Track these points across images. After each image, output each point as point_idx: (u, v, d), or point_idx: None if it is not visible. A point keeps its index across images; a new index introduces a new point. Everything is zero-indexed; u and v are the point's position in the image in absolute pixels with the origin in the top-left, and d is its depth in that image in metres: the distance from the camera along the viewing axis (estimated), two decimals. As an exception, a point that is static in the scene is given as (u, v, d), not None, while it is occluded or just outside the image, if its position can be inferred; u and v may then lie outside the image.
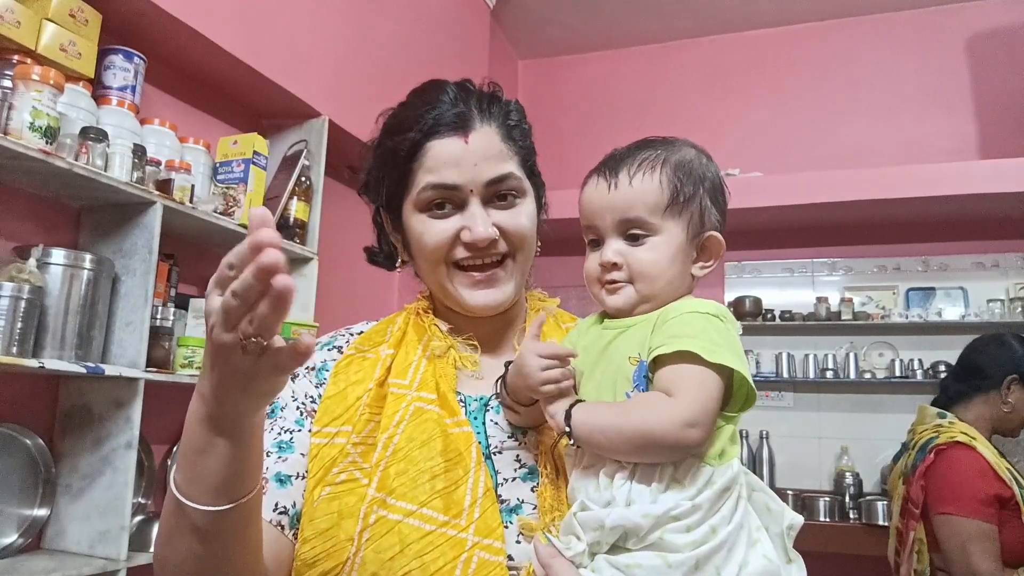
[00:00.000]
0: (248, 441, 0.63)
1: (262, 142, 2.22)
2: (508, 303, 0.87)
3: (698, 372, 0.68)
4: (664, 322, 0.73)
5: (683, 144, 0.82)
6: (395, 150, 0.85)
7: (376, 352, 0.88)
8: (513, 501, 0.77)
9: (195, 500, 0.63)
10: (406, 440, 0.78)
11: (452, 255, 0.84)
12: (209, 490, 0.63)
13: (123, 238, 1.81)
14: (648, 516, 0.66)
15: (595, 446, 0.71)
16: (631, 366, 0.73)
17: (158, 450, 2.08)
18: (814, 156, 4.03)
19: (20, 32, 1.59)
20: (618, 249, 0.78)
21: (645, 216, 0.77)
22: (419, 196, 0.84)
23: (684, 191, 0.78)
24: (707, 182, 0.80)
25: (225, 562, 0.68)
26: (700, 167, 0.80)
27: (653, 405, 0.69)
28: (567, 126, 4.44)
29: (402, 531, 0.72)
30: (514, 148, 0.87)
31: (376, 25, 2.87)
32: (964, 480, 1.90)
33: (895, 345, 3.91)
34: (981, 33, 3.93)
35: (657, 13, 4.20)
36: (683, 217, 0.78)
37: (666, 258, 0.77)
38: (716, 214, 0.80)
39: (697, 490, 0.68)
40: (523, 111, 0.91)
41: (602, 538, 0.68)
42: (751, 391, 0.72)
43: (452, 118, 0.84)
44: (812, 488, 3.78)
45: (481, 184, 0.83)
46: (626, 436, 0.68)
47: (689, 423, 0.66)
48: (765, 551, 0.69)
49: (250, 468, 0.65)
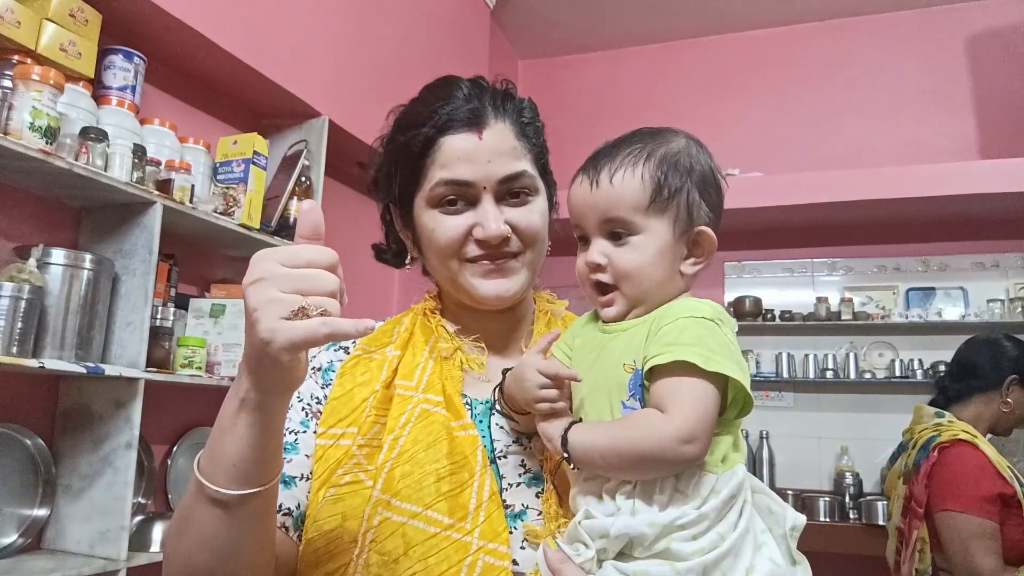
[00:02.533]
0: (272, 426, 0.65)
1: (262, 142, 2.22)
2: (518, 295, 0.86)
3: (693, 384, 0.67)
4: (659, 328, 0.71)
5: (673, 135, 0.79)
6: (408, 145, 0.84)
7: (383, 353, 0.87)
8: (518, 507, 0.77)
9: (217, 483, 0.64)
10: (412, 442, 0.77)
11: (464, 252, 0.83)
12: (229, 472, 0.64)
13: (123, 238, 1.81)
14: (654, 525, 0.65)
15: (594, 468, 0.70)
16: (626, 374, 0.71)
17: (158, 450, 2.08)
18: (814, 156, 4.03)
19: (20, 32, 1.59)
20: (602, 249, 0.76)
21: (626, 215, 0.75)
22: (431, 192, 0.83)
23: (668, 186, 0.74)
24: (695, 175, 0.76)
25: (238, 553, 0.68)
26: (687, 159, 0.77)
27: (647, 423, 0.67)
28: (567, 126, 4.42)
29: (407, 533, 0.71)
30: (527, 145, 0.86)
31: (376, 25, 2.86)
32: (967, 477, 1.90)
33: (895, 345, 3.91)
34: (981, 33, 3.93)
35: (657, 13, 4.20)
36: (668, 214, 0.75)
37: (651, 258, 0.75)
38: (706, 208, 0.77)
39: (702, 499, 0.67)
40: (536, 109, 0.90)
41: (608, 546, 0.67)
42: (748, 398, 0.71)
43: (466, 114, 0.82)
44: (812, 488, 3.78)
45: (495, 181, 0.82)
46: (624, 456, 0.67)
47: (685, 439, 0.65)
48: (771, 554, 0.68)
49: (271, 455, 0.66)
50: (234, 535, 0.67)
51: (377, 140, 0.92)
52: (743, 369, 0.69)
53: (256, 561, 0.70)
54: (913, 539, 1.97)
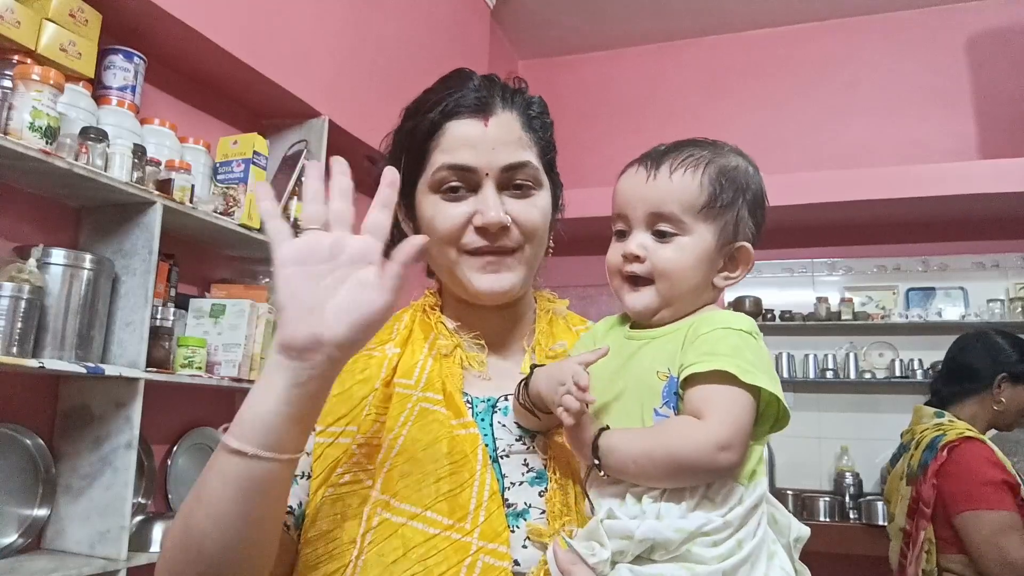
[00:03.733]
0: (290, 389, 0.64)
1: (262, 142, 2.22)
2: (515, 291, 0.85)
3: (730, 392, 0.66)
4: (696, 337, 0.70)
5: (732, 151, 0.80)
6: (414, 130, 0.84)
7: (382, 350, 0.86)
8: (520, 505, 0.76)
9: (249, 442, 0.63)
10: (411, 441, 0.76)
11: (463, 240, 0.83)
12: (260, 431, 0.63)
13: (123, 238, 1.81)
14: (681, 531, 0.64)
15: (626, 475, 0.69)
16: (660, 381, 0.70)
17: (158, 450, 2.08)
18: (814, 156, 4.03)
19: (20, 32, 1.59)
20: (643, 243, 0.75)
21: (678, 213, 0.74)
22: (434, 177, 0.82)
23: (723, 196, 0.75)
24: (749, 193, 0.77)
25: (235, 522, 0.66)
26: (744, 176, 0.77)
27: (684, 429, 0.66)
28: (567, 126, 4.41)
29: (405, 534, 0.70)
30: (534, 138, 0.86)
31: (376, 25, 2.86)
32: (981, 473, 1.87)
33: (895, 345, 3.91)
34: (981, 33, 3.93)
35: (657, 13, 4.20)
36: (717, 223, 0.75)
37: (692, 261, 0.74)
38: (752, 227, 0.78)
39: (729, 508, 0.67)
40: (545, 106, 0.90)
41: (628, 548, 0.66)
42: (784, 411, 0.70)
43: (473, 101, 0.82)
44: (812, 488, 3.78)
45: (497, 168, 0.81)
46: (658, 463, 0.66)
47: (723, 446, 0.64)
48: (782, 563, 0.68)
49: (302, 422, 0.65)
50: (253, 505, 0.65)
51: (387, 136, 0.91)
52: (777, 383, 0.69)
53: (255, 537, 0.68)
54: (920, 540, 1.95)
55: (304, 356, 0.63)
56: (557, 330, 0.91)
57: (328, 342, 0.63)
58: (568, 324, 0.94)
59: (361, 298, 0.64)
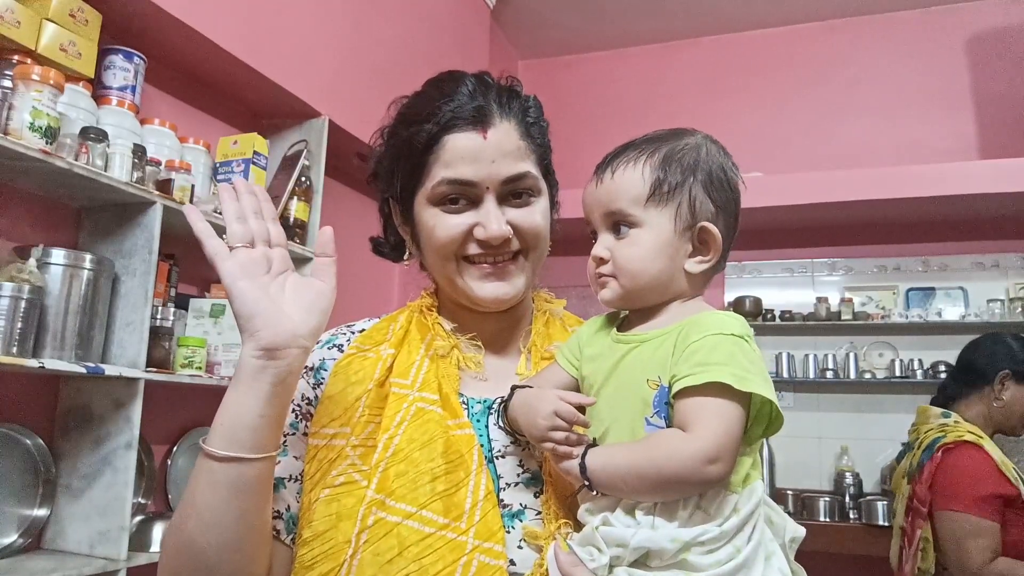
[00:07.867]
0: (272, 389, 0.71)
1: (262, 142, 2.22)
2: (517, 298, 0.85)
3: (720, 404, 0.66)
4: (687, 345, 0.69)
5: (688, 134, 0.79)
6: (410, 141, 0.83)
7: (377, 351, 0.86)
8: (515, 506, 0.76)
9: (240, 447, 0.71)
10: (407, 441, 0.76)
11: (463, 251, 0.83)
12: (247, 434, 0.71)
13: (123, 238, 1.81)
14: (676, 540, 0.64)
15: (618, 492, 0.69)
16: (651, 390, 0.70)
17: (158, 450, 2.08)
18: (814, 156, 4.03)
19: (20, 32, 1.59)
20: (606, 244, 0.77)
21: (626, 208, 0.75)
22: (433, 190, 0.82)
23: (669, 181, 0.75)
24: (699, 172, 0.76)
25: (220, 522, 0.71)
26: (694, 156, 0.76)
27: (672, 443, 0.66)
28: (567, 126, 4.43)
29: (401, 533, 0.70)
30: (532, 146, 0.85)
31: (376, 25, 2.87)
32: (968, 478, 1.90)
33: (895, 345, 3.91)
34: (981, 33, 3.93)
35: (657, 13, 4.20)
36: (668, 208, 0.75)
37: (649, 251, 0.75)
38: (711, 206, 0.76)
39: (724, 518, 0.66)
40: (540, 107, 0.90)
41: (624, 555, 0.66)
42: (777, 414, 0.69)
43: (471, 112, 0.81)
44: (812, 488, 3.78)
45: (498, 181, 0.81)
46: (646, 479, 0.66)
47: (711, 459, 0.64)
48: (780, 564, 0.68)
49: (280, 420, 0.74)
50: (237, 505, 0.71)
51: (377, 132, 0.91)
52: (771, 385, 0.68)
53: (250, 535, 0.73)
54: (916, 538, 1.97)
55: (282, 354, 0.71)
56: (553, 331, 0.91)
57: (303, 334, 0.72)
58: (564, 325, 0.94)
59: (312, 292, 0.75)
